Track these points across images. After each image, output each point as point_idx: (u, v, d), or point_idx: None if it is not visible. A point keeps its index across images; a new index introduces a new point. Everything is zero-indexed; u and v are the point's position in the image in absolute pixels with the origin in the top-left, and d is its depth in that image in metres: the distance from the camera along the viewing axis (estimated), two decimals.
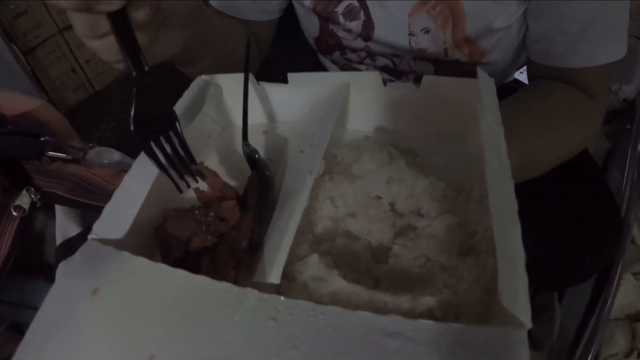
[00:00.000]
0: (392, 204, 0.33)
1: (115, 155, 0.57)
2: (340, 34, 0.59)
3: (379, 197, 0.33)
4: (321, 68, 0.70)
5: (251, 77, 0.38)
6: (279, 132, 0.38)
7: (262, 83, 0.39)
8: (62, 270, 0.47)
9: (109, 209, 0.30)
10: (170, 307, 0.24)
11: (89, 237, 0.29)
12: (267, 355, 0.21)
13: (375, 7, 0.53)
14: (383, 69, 0.59)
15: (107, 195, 0.52)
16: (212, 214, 0.31)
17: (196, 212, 0.31)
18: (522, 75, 0.83)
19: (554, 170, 0.50)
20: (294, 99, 0.39)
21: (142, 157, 0.33)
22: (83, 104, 1.86)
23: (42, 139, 0.55)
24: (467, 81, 0.32)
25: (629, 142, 0.90)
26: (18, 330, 0.57)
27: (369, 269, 0.30)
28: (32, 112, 0.62)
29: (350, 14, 0.56)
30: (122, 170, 0.55)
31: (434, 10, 0.52)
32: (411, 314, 0.22)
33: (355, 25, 0.56)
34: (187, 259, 0.30)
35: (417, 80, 0.53)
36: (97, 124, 1.70)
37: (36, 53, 1.71)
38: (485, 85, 0.30)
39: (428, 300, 0.24)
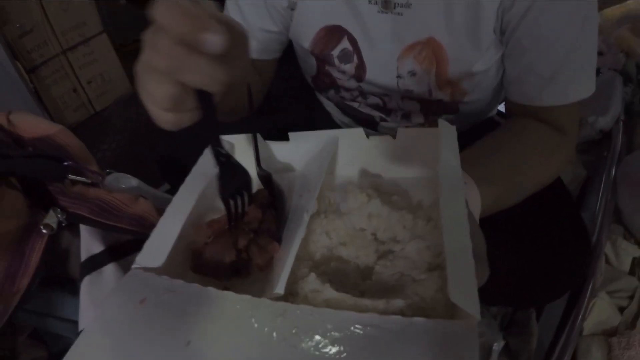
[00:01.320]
0: (374, 234, 0.42)
1: (133, 181, 0.64)
2: (335, 74, 0.67)
3: (363, 229, 0.43)
4: (317, 102, 0.79)
5: (258, 136, 0.46)
6: (283, 181, 0.47)
7: (267, 141, 0.48)
8: (87, 284, 0.55)
9: (149, 243, 0.38)
10: (203, 311, 0.32)
11: (133, 267, 0.36)
12: (277, 340, 0.29)
13: (367, 52, 0.62)
14: (374, 107, 0.68)
15: (127, 217, 0.61)
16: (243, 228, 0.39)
17: (230, 231, 0.39)
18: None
19: (528, 198, 0.56)
20: (294, 153, 0.48)
21: (180, 195, 0.41)
22: (83, 123, 1.94)
23: (65, 163, 0.62)
24: (433, 130, 0.41)
25: (604, 169, 1.00)
26: (39, 338, 0.64)
27: (357, 284, 0.39)
28: (52, 136, 0.70)
29: (344, 57, 0.64)
30: (139, 195, 0.63)
31: (419, 55, 0.59)
32: (386, 313, 0.30)
33: (349, 67, 0.64)
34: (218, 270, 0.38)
35: (405, 117, 0.62)
36: (98, 144, 1.77)
37: (39, 71, 1.80)
38: (446, 133, 0.39)
39: (399, 303, 0.32)
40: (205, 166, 0.44)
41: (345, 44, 0.62)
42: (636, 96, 1.39)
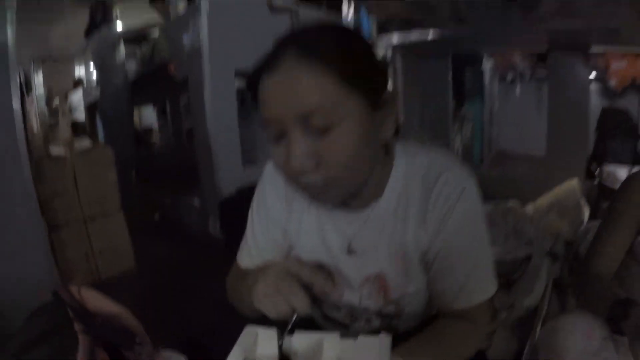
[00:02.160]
0: None
1: (182, 358, 0.87)
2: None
3: None
4: None
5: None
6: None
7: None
8: None
9: None
10: None
11: None
12: None
13: (344, 287, 0.83)
14: (347, 315, 0.89)
15: None
16: None
17: None
18: None
19: None
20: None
21: None
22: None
23: (138, 341, 0.85)
24: (373, 340, 0.66)
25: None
26: None
27: None
28: (119, 316, 0.91)
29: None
30: None
31: (372, 284, 0.82)
32: None
33: (334, 294, 0.85)
34: None
35: (367, 321, 0.87)
36: None
37: (60, 231, 2.08)
38: (382, 341, 0.64)
39: None
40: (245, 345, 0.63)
41: None
42: (564, 271, 1.71)
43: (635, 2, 1.40)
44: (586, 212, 2.07)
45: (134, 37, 3.95)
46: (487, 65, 4.79)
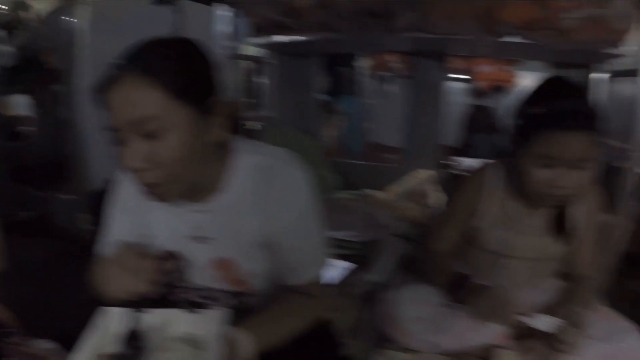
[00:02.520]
0: None
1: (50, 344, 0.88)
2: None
3: None
4: None
5: None
6: None
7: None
8: None
9: None
10: None
11: None
12: None
13: (192, 268, 0.92)
14: (201, 297, 0.97)
15: None
16: None
17: None
18: None
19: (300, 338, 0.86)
20: None
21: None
22: None
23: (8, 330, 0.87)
24: (213, 314, 0.75)
25: None
26: None
27: None
28: None
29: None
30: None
31: (221, 268, 0.90)
32: None
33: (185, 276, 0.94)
34: None
35: (221, 301, 0.96)
36: None
37: None
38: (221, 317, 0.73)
39: None
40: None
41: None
42: (415, 250, 1.96)
43: (483, 19, 1.67)
44: (439, 199, 2.39)
45: (6, 23, 3.53)
46: (362, 64, 5.15)
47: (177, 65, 0.74)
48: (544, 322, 1.09)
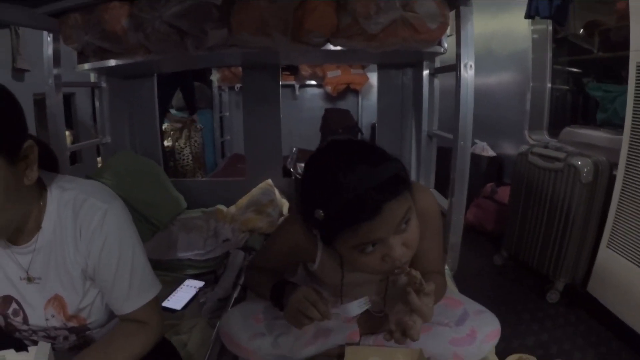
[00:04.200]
0: None
1: None
2: (14, 323, 0.94)
3: None
4: None
5: None
6: None
7: None
8: None
9: None
10: None
11: None
12: None
13: (28, 309, 0.91)
14: (44, 337, 0.97)
15: None
16: None
17: None
18: None
19: None
20: None
21: None
22: None
23: None
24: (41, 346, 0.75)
25: None
26: None
27: None
28: None
29: (15, 312, 0.92)
30: None
31: (53, 305, 0.91)
32: None
33: (19, 319, 0.92)
34: None
35: (65, 339, 0.96)
36: None
37: None
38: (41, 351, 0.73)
39: None
40: None
41: (14, 305, 0.93)
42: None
43: (290, 30, 1.69)
44: (285, 207, 2.51)
45: None
46: (215, 77, 5.16)
47: None
48: (354, 307, 1.01)
